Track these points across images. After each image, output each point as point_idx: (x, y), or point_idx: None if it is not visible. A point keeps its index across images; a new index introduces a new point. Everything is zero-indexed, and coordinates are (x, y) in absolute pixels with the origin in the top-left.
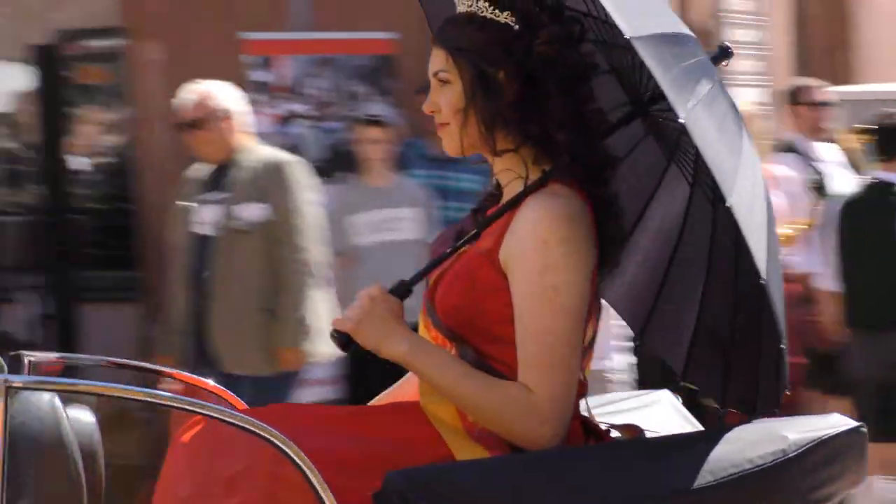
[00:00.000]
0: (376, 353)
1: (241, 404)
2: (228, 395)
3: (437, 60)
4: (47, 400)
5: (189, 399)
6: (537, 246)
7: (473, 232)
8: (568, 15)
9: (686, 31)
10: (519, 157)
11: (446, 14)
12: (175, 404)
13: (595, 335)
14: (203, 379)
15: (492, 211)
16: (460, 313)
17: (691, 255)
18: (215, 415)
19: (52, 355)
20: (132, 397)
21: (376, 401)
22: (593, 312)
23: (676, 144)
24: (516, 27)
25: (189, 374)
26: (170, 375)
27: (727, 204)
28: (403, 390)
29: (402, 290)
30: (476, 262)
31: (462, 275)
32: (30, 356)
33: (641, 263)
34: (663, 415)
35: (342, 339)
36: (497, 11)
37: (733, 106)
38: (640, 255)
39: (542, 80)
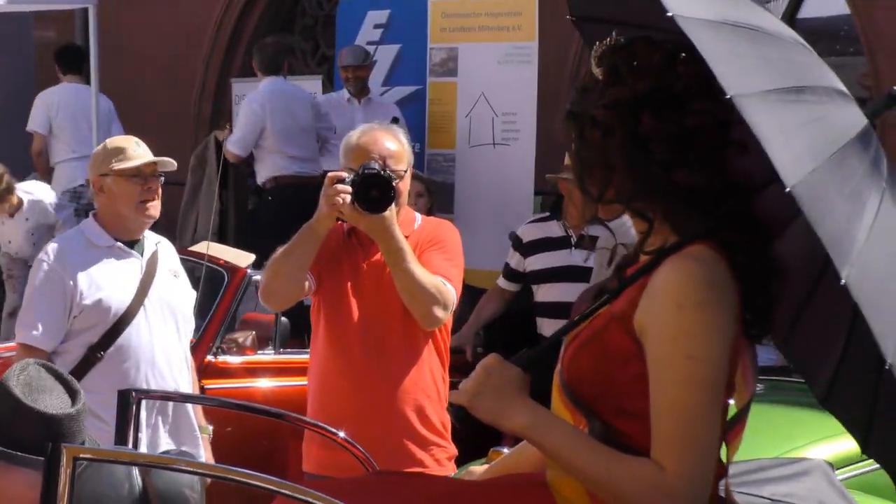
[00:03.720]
0: (495, 426)
1: (371, 463)
2: (358, 450)
3: None
4: (123, 470)
5: (258, 475)
6: (672, 311)
7: (606, 297)
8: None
9: (823, 82)
10: (657, 218)
11: None
12: (243, 480)
13: (745, 410)
14: (334, 430)
15: (631, 271)
16: (589, 381)
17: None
18: (290, 493)
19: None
20: (204, 472)
21: (492, 467)
22: (742, 384)
23: None
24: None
25: (319, 424)
26: (298, 423)
27: (842, 281)
28: (521, 457)
29: (524, 360)
30: (608, 326)
31: (593, 339)
32: (141, 394)
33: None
34: (815, 487)
35: (458, 412)
36: (596, 67)
37: (877, 163)
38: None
39: (609, 138)
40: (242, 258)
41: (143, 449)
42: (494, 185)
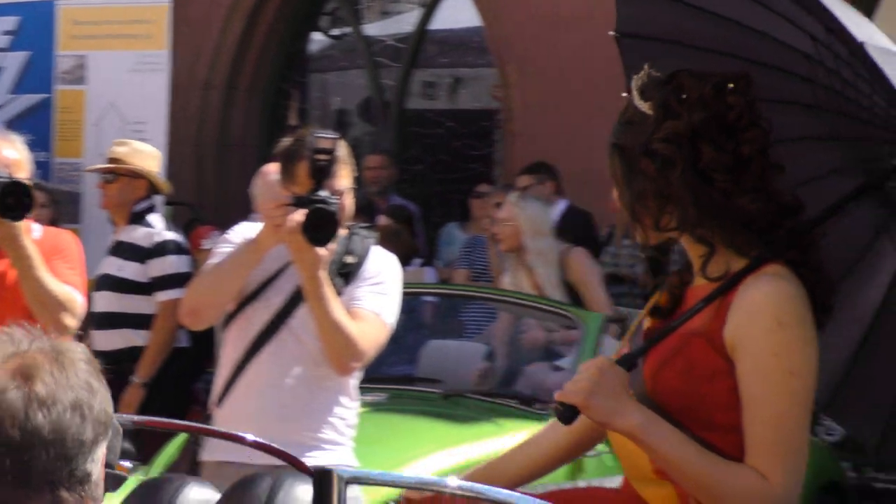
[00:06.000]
0: (607, 426)
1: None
2: (280, 450)
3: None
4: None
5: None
6: (772, 328)
7: (695, 307)
8: (733, 102)
9: None
10: (717, 242)
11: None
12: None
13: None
14: (242, 434)
15: (705, 290)
16: (678, 397)
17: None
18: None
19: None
20: (459, 493)
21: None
22: None
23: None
24: (651, 115)
25: (228, 432)
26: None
27: None
28: (493, 471)
29: (628, 362)
30: (689, 342)
31: (674, 355)
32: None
33: (835, 335)
34: None
35: (567, 412)
36: (641, 101)
37: None
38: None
39: (669, 170)
40: None
41: None
42: None
